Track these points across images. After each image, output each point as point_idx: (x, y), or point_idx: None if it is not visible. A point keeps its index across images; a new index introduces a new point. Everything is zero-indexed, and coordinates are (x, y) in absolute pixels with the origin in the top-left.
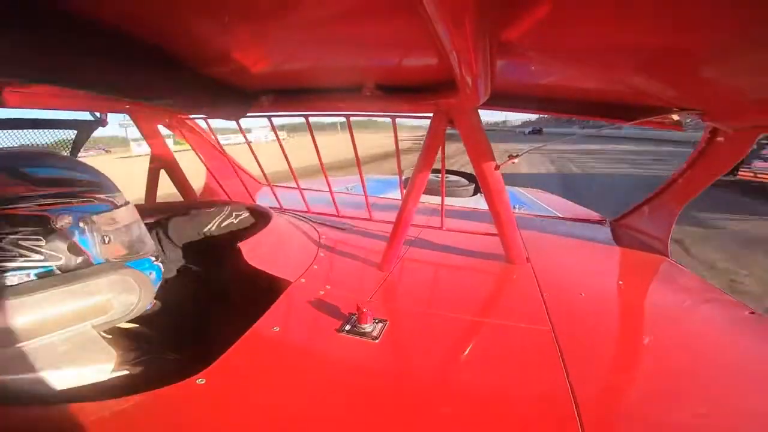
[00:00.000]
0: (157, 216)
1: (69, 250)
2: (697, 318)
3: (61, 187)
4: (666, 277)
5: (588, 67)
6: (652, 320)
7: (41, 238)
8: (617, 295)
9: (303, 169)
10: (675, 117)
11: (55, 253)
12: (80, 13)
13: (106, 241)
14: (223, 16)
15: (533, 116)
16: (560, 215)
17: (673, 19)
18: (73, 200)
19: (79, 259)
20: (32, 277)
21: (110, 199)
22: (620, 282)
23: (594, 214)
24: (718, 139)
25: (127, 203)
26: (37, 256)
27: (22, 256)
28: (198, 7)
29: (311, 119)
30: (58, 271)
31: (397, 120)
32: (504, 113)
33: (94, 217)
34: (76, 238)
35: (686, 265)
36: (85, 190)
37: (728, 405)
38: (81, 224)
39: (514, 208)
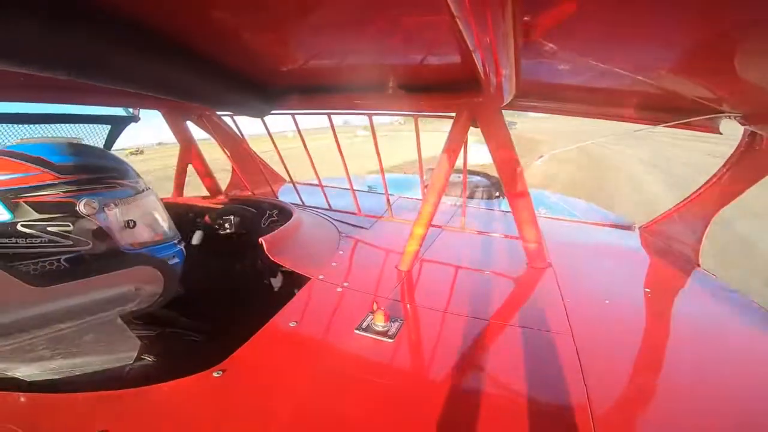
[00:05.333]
0: (183, 209)
1: (95, 234)
2: (727, 330)
3: (85, 173)
4: (696, 287)
5: (618, 65)
6: (678, 331)
7: (69, 224)
8: (643, 304)
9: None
10: (712, 120)
11: (83, 238)
12: (114, 11)
13: (131, 226)
14: (252, 15)
15: None
16: (586, 220)
17: (711, 14)
18: (97, 186)
19: (106, 244)
20: (63, 263)
21: (132, 184)
22: (647, 290)
23: (622, 220)
24: (757, 144)
25: (148, 188)
26: (66, 242)
27: (51, 242)
28: (227, 7)
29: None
30: (87, 257)
31: None
32: None
33: (118, 202)
34: (102, 222)
35: None
36: (108, 176)
37: (755, 423)
38: (106, 209)
39: (538, 211)
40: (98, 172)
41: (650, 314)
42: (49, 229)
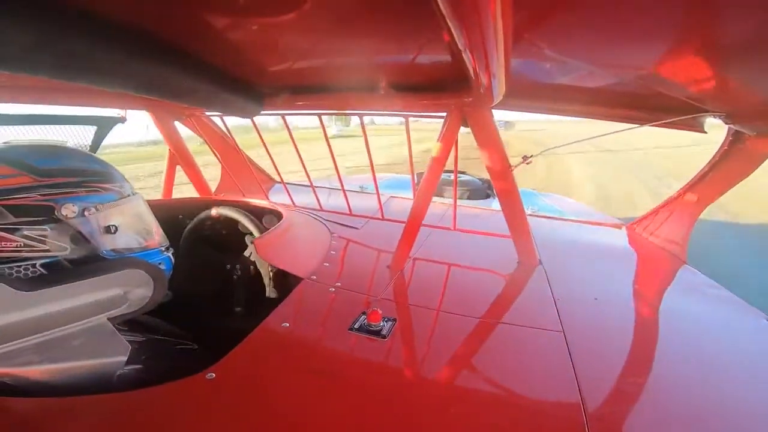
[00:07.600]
0: (172, 211)
1: (74, 240)
2: (713, 325)
3: (66, 177)
4: (683, 283)
5: (606, 65)
6: (667, 327)
7: (46, 228)
8: (632, 301)
9: None
10: (697, 119)
11: (60, 243)
12: (101, 10)
13: (113, 231)
14: (241, 14)
15: None
16: (575, 218)
17: (696, 13)
18: (78, 190)
19: (86, 249)
20: (38, 268)
21: (116, 188)
22: (636, 287)
23: (610, 218)
24: (740, 142)
25: (134, 194)
26: (42, 246)
27: (27, 246)
28: (215, 5)
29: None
30: (65, 262)
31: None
32: None
33: (99, 207)
34: (82, 227)
35: None
36: (91, 179)
37: (742, 414)
38: (86, 213)
39: (528, 210)
40: (80, 176)
41: (639, 311)
42: (25, 233)
